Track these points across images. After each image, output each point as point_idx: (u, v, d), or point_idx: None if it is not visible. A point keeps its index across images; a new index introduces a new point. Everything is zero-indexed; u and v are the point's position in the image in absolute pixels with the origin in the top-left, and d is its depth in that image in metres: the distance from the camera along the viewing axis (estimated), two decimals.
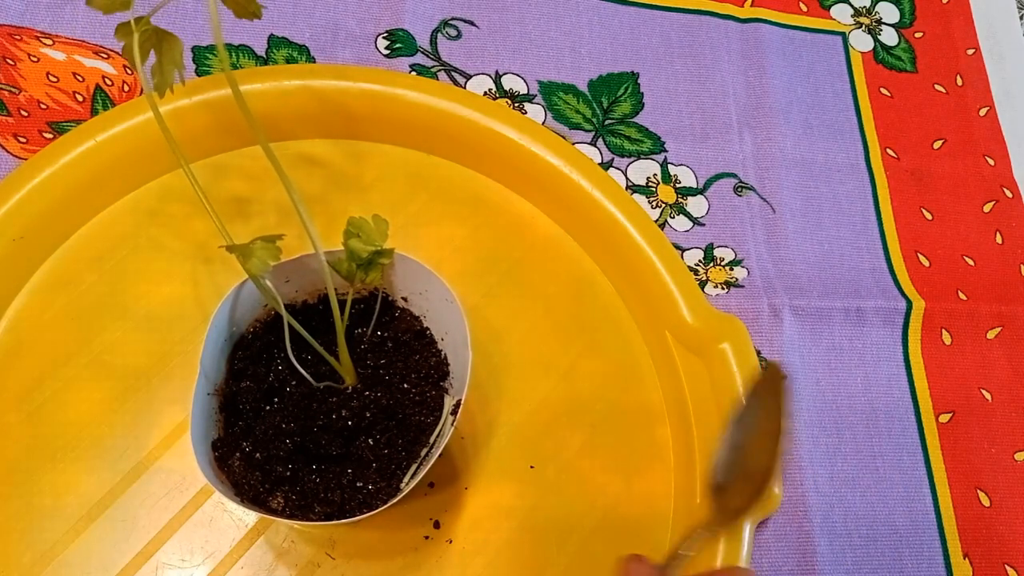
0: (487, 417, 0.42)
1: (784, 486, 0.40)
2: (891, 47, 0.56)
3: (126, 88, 0.47)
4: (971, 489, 0.44)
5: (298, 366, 0.35)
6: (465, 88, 0.49)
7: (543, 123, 0.49)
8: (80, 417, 0.40)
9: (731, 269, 0.47)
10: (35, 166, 0.42)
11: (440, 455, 0.34)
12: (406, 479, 0.35)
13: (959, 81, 0.55)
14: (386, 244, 0.36)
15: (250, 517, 0.39)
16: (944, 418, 0.45)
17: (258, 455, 0.34)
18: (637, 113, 0.51)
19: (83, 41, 0.47)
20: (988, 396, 0.46)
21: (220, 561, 0.38)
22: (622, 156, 0.49)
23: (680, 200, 0.49)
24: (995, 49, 0.57)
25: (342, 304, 0.36)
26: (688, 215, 0.48)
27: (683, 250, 0.47)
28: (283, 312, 0.34)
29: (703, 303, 0.43)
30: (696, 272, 0.47)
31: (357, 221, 0.35)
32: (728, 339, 0.42)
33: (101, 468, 0.39)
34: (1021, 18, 0.58)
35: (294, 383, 0.36)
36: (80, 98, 0.46)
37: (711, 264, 0.47)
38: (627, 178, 0.49)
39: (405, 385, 0.37)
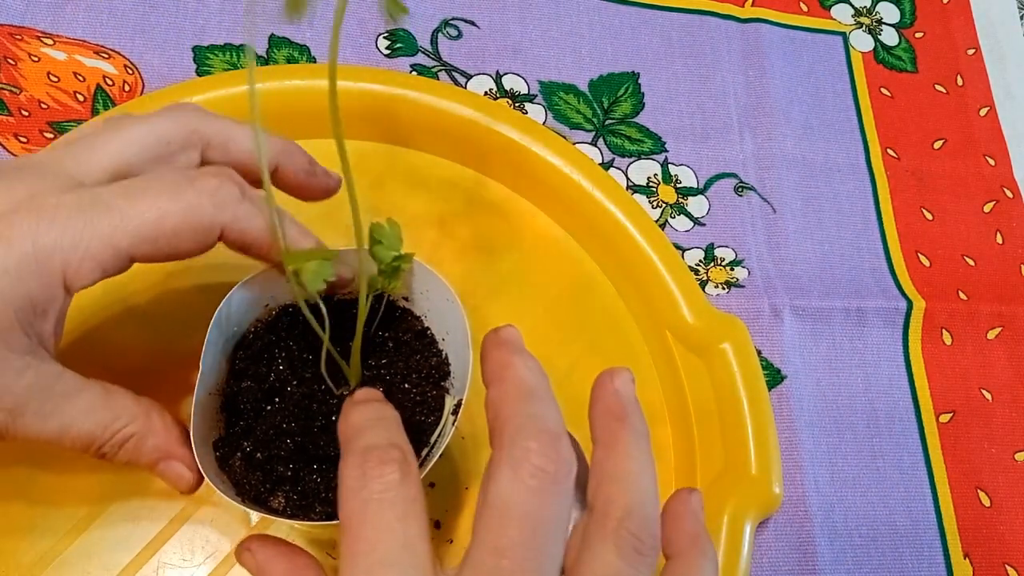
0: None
1: (784, 486, 0.40)
2: (891, 47, 0.56)
3: (127, 88, 0.47)
4: (971, 489, 0.44)
5: (325, 375, 0.35)
6: (466, 88, 0.49)
7: (544, 123, 0.49)
8: None
9: (732, 269, 0.47)
10: None
11: (441, 455, 0.34)
12: None
13: (959, 81, 0.56)
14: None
15: (251, 517, 0.39)
16: (944, 418, 0.45)
17: (259, 455, 0.34)
18: (638, 113, 0.51)
19: (84, 41, 0.47)
20: (988, 396, 0.46)
21: (221, 561, 0.38)
22: (623, 156, 0.49)
23: (680, 200, 0.49)
24: (995, 49, 0.57)
25: (349, 304, 0.36)
26: (689, 215, 0.48)
27: (683, 250, 0.47)
28: (318, 328, 0.34)
29: (704, 303, 0.43)
30: (697, 272, 0.47)
31: (378, 227, 0.35)
32: (729, 339, 0.42)
33: (102, 467, 0.39)
34: (1021, 18, 0.58)
35: (295, 383, 0.36)
36: (81, 98, 0.46)
37: (711, 264, 0.47)
38: (628, 178, 0.49)
39: (406, 385, 0.37)
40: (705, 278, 0.47)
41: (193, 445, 0.33)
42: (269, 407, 0.36)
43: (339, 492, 0.27)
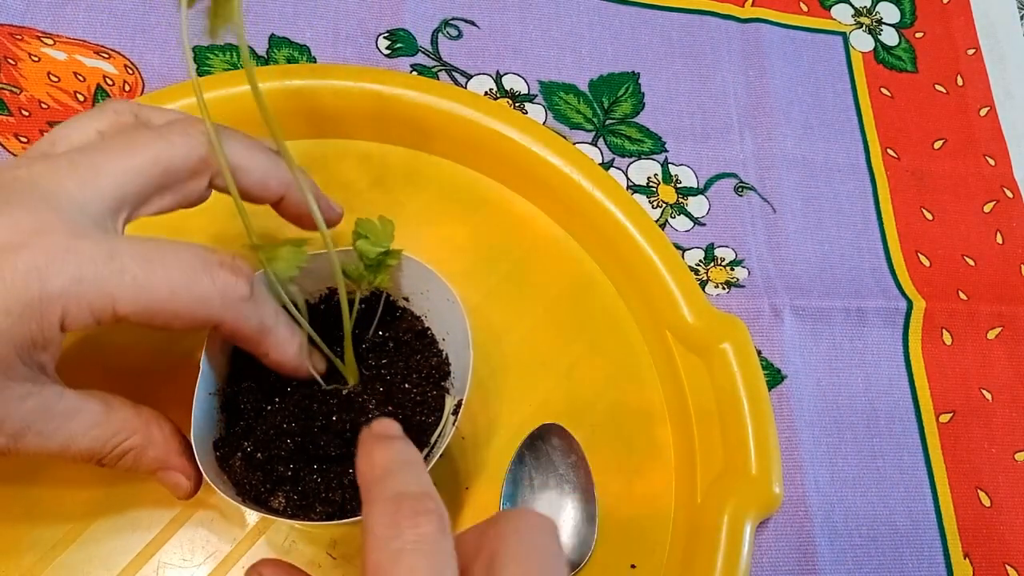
0: (488, 417, 0.42)
1: (784, 486, 0.40)
2: (892, 47, 0.56)
3: (127, 88, 0.47)
4: (971, 489, 0.44)
5: (312, 370, 0.35)
6: (466, 88, 0.49)
7: (544, 123, 0.49)
8: None
9: (732, 269, 0.47)
10: None
11: (441, 455, 0.34)
12: None
13: (959, 81, 0.56)
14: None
15: (251, 517, 0.39)
16: (944, 418, 0.45)
17: (259, 455, 0.34)
18: (638, 113, 0.51)
19: (84, 41, 0.47)
20: (988, 396, 0.46)
21: (221, 561, 0.38)
22: (623, 156, 0.49)
23: (681, 200, 0.49)
24: (995, 49, 0.57)
25: (349, 304, 0.36)
26: (689, 215, 0.48)
27: (684, 250, 0.47)
28: (300, 317, 0.34)
29: (704, 303, 0.43)
30: (697, 272, 0.47)
31: (365, 222, 0.35)
32: (729, 339, 0.42)
33: (102, 469, 0.39)
34: (1021, 18, 0.58)
35: (295, 383, 0.36)
36: (81, 98, 0.46)
37: (712, 264, 0.47)
38: (628, 178, 0.49)
39: (406, 385, 0.37)
40: (705, 278, 0.47)
41: (194, 446, 0.33)
42: (269, 407, 0.36)
43: (365, 540, 0.26)
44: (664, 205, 0.48)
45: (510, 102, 0.50)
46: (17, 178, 0.29)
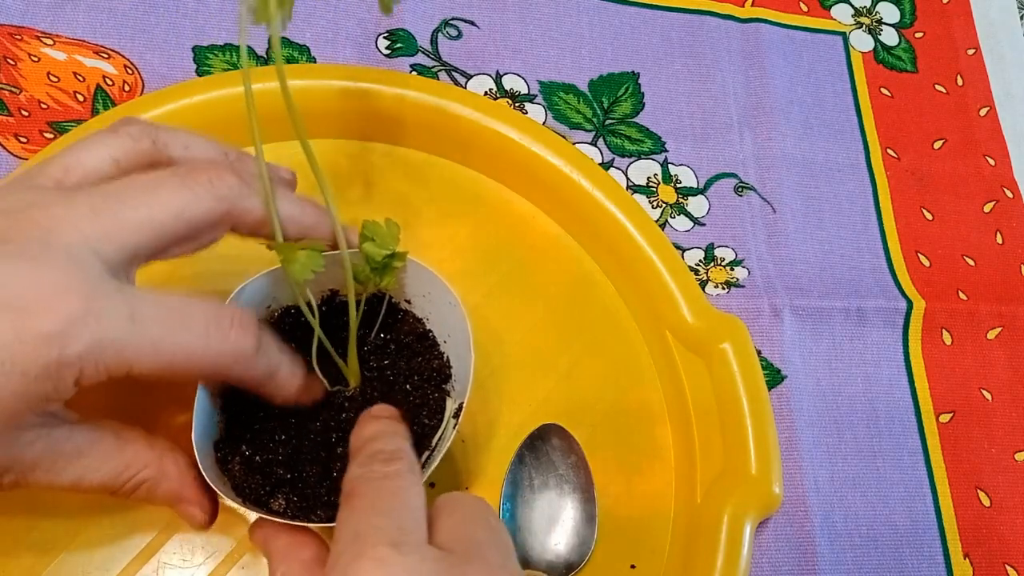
0: (487, 417, 0.42)
1: (784, 486, 0.40)
2: (891, 47, 0.56)
3: (127, 88, 0.47)
4: (971, 489, 0.44)
5: (318, 371, 0.35)
6: (466, 88, 0.49)
7: (543, 123, 0.49)
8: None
9: (732, 269, 0.47)
10: None
11: (441, 458, 0.34)
12: None
13: (959, 81, 0.56)
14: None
15: (251, 517, 0.39)
16: (944, 418, 0.45)
17: (259, 457, 0.34)
18: (637, 113, 0.51)
19: (84, 41, 0.47)
20: (988, 396, 0.46)
21: (221, 561, 0.38)
22: (622, 156, 0.49)
23: (680, 200, 0.49)
24: (995, 49, 0.57)
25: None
26: (689, 215, 0.48)
27: (683, 250, 0.47)
28: (312, 320, 0.34)
29: (704, 303, 0.43)
30: (697, 272, 0.47)
31: (371, 225, 0.35)
32: (729, 339, 0.42)
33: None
34: (1021, 18, 0.58)
35: None
36: (81, 98, 0.46)
37: (711, 264, 0.47)
38: (628, 178, 0.49)
39: (408, 388, 0.37)
40: (705, 278, 0.47)
41: (194, 446, 0.33)
42: (270, 408, 0.36)
43: (344, 487, 0.29)
44: (664, 205, 0.48)
45: (510, 102, 0.50)
46: (34, 222, 0.28)
